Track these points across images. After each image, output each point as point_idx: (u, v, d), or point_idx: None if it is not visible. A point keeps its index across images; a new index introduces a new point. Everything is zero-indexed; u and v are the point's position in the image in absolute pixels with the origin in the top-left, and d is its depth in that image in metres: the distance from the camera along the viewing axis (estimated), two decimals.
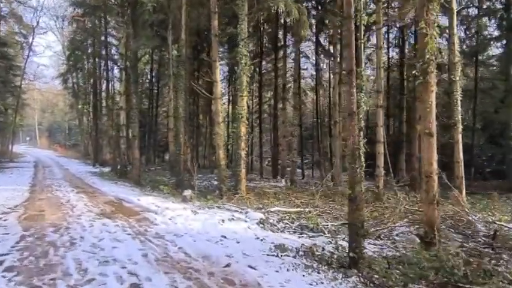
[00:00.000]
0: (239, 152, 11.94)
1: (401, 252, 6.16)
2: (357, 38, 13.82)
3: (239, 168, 11.98)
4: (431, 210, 5.89)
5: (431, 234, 5.81)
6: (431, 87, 5.94)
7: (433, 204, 5.89)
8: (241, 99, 12.00)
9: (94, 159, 28.22)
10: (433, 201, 5.89)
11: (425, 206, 6.00)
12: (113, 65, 23.48)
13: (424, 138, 6.00)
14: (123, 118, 19.52)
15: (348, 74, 5.04)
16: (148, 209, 9.52)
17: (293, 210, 9.57)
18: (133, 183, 16.53)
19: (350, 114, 5.05)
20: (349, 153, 5.07)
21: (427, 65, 5.86)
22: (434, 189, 5.91)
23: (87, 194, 12.64)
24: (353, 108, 5.04)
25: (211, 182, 19.48)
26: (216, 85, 13.35)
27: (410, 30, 19.32)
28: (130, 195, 12.40)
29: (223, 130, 13.48)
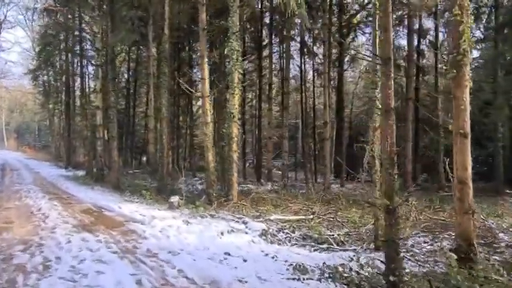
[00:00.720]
0: (230, 154, 11.02)
1: (430, 268, 5.44)
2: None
3: (231, 172, 11.07)
4: (467, 221, 5.19)
5: (467, 248, 5.09)
6: (465, 81, 5.24)
7: (468, 214, 5.18)
8: (233, 97, 11.09)
9: (67, 161, 26.55)
10: (468, 211, 5.19)
11: (459, 216, 5.28)
12: (88, 61, 22.05)
13: (458, 139, 5.29)
14: (100, 118, 18.16)
15: (384, 63, 4.25)
16: (133, 219, 8.47)
17: (294, 218, 8.75)
18: (111, 188, 15.30)
19: (387, 111, 4.26)
20: (385, 157, 4.27)
21: (462, 57, 5.15)
22: (470, 197, 5.21)
23: (61, 201, 11.40)
24: (390, 104, 4.25)
25: (195, 186, 18.46)
26: (203, 82, 12.38)
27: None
28: (110, 201, 11.26)
29: (211, 131, 12.54)
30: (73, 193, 13.34)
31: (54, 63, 26.32)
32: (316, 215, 9.31)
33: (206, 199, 11.81)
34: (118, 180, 15.87)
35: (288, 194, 13.24)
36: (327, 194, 13.73)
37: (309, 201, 11.43)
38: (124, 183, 16.25)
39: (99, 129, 18.30)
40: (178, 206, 10.16)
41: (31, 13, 28.62)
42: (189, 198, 11.94)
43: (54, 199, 11.67)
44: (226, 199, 10.90)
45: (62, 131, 29.64)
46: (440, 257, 5.60)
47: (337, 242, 7.25)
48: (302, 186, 19.56)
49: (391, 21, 4.15)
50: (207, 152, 12.41)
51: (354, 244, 7.25)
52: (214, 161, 12.69)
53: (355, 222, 8.58)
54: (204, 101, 12.46)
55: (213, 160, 12.51)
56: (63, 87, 27.70)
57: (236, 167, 11.15)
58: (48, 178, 19.28)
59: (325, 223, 8.78)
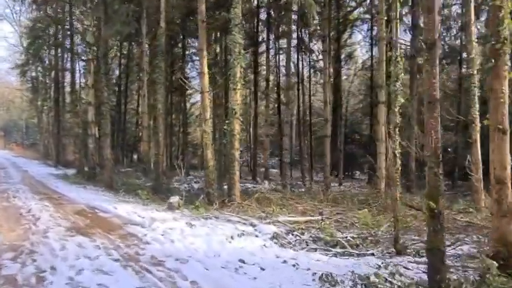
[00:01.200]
0: (232, 152, 10.46)
1: (462, 275, 4.97)
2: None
3: (232, 170, 10.50)
4: (505, 224, 4.73)
5: (507, 254, 4.64)
6: (503, 72, 4.77)
7: (507, 217, 4.73)
8: (235, 92, 10.52)
9: (56, 160, 25.68)
10: (506, 213, 4.73)
11: (497, 219, 4.83)
12: (78, 57, 21.24)
13: (495, 135, 4.83)
14: (92, 114, 17.42)
15: (428, 49, 3.75)
16: (132, 221, 7.86)
17: (302, 220, 8.25)
18: (104, 187, 14.63)
19: (431, 102, 3.76)
20: (429, 154, 3.77)
21: (502, 45, 4.68)
22: (508, 198, 4.76)
23: (51, 201, 10.71)
24: (435, 94, 3.75)
25: (191, 184, 17.85)
26: (203, 77, 11.79)
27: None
28: (104, 202, 10.62)
29: (210, 128, 11.97)
30: (64, 193, 12.63)
31: (43, 58, 25.38)
32: (324, 215, 8.82)
33: (206, 199, 11.26)
34: (111, 179, 15.18)
35: (291, 193, 12.75)
36: (329, 193, 13.29)
37: (313, 201, 10.96)
38: (117, 182, 15.58)
39: (91, 126, 17.57)
40: (179, 206, 9.58)
41: (18, 6, 27.60)
42: (187, 198, 11.38)
43: (44, 199, 10.98)
44: (228, 199, 10.35)
45: (51, 128, 28.68)
46: (474, 263, 5.13)
47: (351, 245, 6.76)
48: (299, 185, 19.13)
49: (437, 1, 3.65)
50: (206, 150, 11.84)
51: (369, 247, 6.76)
52: (214, 159, 12.12)
53: (366, 224, 8.10)
54: (204, 97, 11.87)
55: (212, 158, 11.94)
56: (52, 83, 26.78)
57: (238, 165, 10.59)
58: (37, 177, 18.47)
59: (334, 224, 8.30)
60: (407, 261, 5.72)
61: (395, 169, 6.17)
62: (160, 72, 14.17)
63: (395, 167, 6.16)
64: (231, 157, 10.51)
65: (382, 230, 7.30)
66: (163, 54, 14.32)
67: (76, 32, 19.84)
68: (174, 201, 9.52)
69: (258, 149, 25.04)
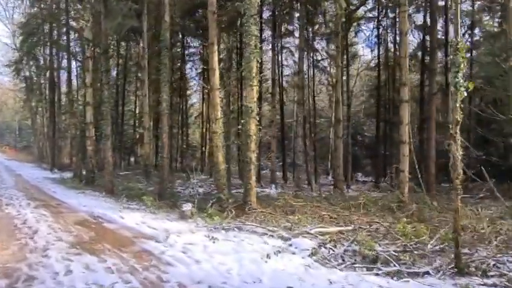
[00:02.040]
0: (248, 154, 9.48)
1: None
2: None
3: (248, 174, 9.53)
4: None
5: None
6: None
7: None
8: (251, 89, 9.56)
9: (51, 163, 24.48)
10: None
11: None
12: (73, 57, 20.15)
13: None
14: (90, 115, 16.34)
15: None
16: (143, 234, 6.87)
17: (333, 230, 7.31)
18: (104, 193, 13.57)
19: None
20: None
21: None
22: None
23: (49, 209, 9.66)
24: None
25: (196, 189, 16.85)
26: (213, 73, 10.86)
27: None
28: (108, 209, 9.59)
29: (221, 128, 11.01)
30: (62, 199, 11.57)
31: (37, 57, 24.18)
32: (356, 224, 7.91)
33: (216, 205, 10.31)
34: (112, 183, 14.13)
35: (310, 198, 11.80)
36: (346, 197, 12.39)
37: (334, 207, 10.03)
38: (117, 187, 14.54)
39: (89, 128, 16.48)
40: (191, 215, 8.59)
41: (11, 3, 26.37)
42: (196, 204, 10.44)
43: (41, 207, 9.92)
44: (244, 206, 9.37)
45: (46, 130, 27.49)
46: None
47: (396, 260, 5.84)
48: (307, 189, 18.23)
49: None
50: (217, 152, 10.88)
51: (419, 264, 5.83)
52: (225, 162, 11.15)
53: (406, 234, 7.17)
54: (214, 95, 10.93)
55: (223, 161, 10.99)
56: (46, 83, 25.60)
57: (255, 169, 9.62)
58: (31, 181, 17.34)
59: (367, 234, 7.37)
60: (477, 284, 4.83)
61: (456, 174, 5.26)
62: (164, 69, 13.17)
63: (456, 172, 5.25)
64: (246, 160, 9.54)
65: (431, 243, 6.35)
66: (167, 51, 13.32)
67: (72, 29, 18.73)
68: (186, 210, 8.53)
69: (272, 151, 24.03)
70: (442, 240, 6.75)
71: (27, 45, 21.10)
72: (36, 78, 26.80)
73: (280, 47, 24.10)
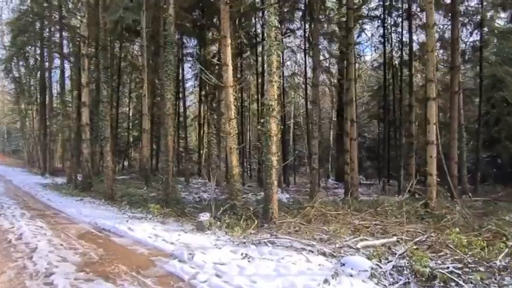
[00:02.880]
0: (269, 157, 8.54)
1: None
2: None
3: (270, 179, 8.57)
4: None
5: None
6: None
7: None
8: (271, 85, 8.63)
9: (43, 167, 23.24)
10: None
11: None
12: (70, 53, 19.04)
13: None
14: (86, 116, 15.23)
15: None
16: (161, 250, 5.89)
17: (377, 243, 6.40)
18: (104, 200, 12.50)
19: None
20: None
21: None
22: None
23: (46, 220, 8.60)
24: None
25: (199, 194, 15.87)
26: (226, 70, 9.91)
27: None
28: (112, 219, 8.56)
29: (235, 128, 10.06)
30: (59, 208, 10.49)
31: (28, 57, 22.89)
32: (397, 235, 7.02)
33: (230, 213, 9.37)
34: (112, 190, 13.06)
35: (324, 204, 10.89)
36: (361, 202, 11.52)
37: (360, 214, 9.14)
38: (116, 193, 13.47)
39: (85, 129, 15.37)
40: (210, 226, 7.62)
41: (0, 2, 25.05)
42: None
43: (37, 217, 8.85)
44: (266, 215, 8.43)
45: (37, 133, 26.17)
46: None
47: (464, 281, 4.98)
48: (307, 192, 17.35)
49: None
50: (231, 155, 9.95)
51: (488, 283, 4.98)
52: (239, 166, 10.20)
53: (461, 246, 6.27)
54: (227, 92, 9.97)
55: (237, 165, 10.06)
56: (37, 85, 24.34)
57: (276, 173, 8.67)
58: (23, 187, 16.15)
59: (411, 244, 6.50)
60: None
61: None
62: (169, 66, 12.15)
63: None
64: (267, 163, 8.58)
65: (499, 259, 5.48)
66: (172, 46, 12.32)
67: (66, 26, 17.60)
68: (204, 220, 7.55)
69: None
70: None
71: (18, 43, 19.82)
72: (26, 79, 25.44)
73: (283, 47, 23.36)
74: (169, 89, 12.28)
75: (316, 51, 13.68)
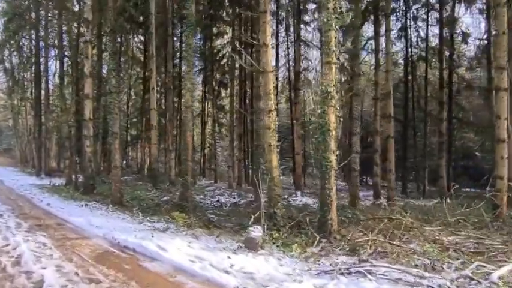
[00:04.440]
0: (327, 155, 6.85)
1: None
2: None
3: (328, 183, 6.87)
4: None
5: None
6: None
7: None
8: (329, 67, 6.95)
9: (38, 167, 21.26)
10: None
11: None
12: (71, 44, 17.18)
13: None
14: (89, 110, 13.44)
15: None
16: (219, 285, 4.18)
17: (506, 270, 4.76)
18: (112, 205, 10.70)
19: None
20: None
21: None
22: None
23: (49, 232, 6.82)
24: None
25: (217, 198, 14.11)
26: (266, 51, 8.24)
27: None
28: (131, 232, 6.82)
29: (275, 122, 8.39)
30: (62, 215, 8.68)
31: (22, 46, 20.87)
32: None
33: (270, 224, 7.73)
34: (120, 193, 11.28)
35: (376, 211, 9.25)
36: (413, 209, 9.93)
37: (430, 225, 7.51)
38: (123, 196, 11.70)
39: (88, 125, 13.57)
40: (263, 244, 5.92)
41: None
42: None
43: (37, 229, 7.06)
44: (323, 227, 6.75)
45: (32, 130, 24.17)
46: None
47: None
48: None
49: None
50: (270, 154, 8.26)
51: None
52: (279, 167, 8.50)
53: None
54: (267, 79, 8.30)
55: (277, 166, 8.38)
56: (32, 77, 22.35)
57: (335, 175, 6.97)
58: (17, 190, 14.25)
59: None
60: None
61: None
62: (189, 51, 10.45)
63: None
64: (324, 163, 6.89)
65: None
66: (192, 28, 10.61)
67: (67, 9, 15.73)
68: (256, 236, 5.83)
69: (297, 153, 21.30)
70: None
71: (13, 27, 17.77)
72: (19, 70, 23.42)
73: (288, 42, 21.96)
74: (190, 78, 10.59)
75: (357, 38, 12.04)
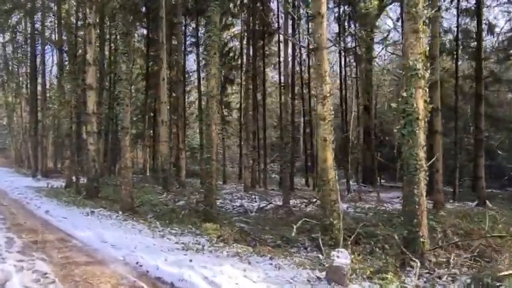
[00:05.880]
0: (415, 152, 5.17)
1: None
2: None
3: (416, 190, 5.18)
4: None
5: None
6: None
7: None
8: (416, 37, 5.26)
9: (34, 167, 19.44)
10: None
11: None
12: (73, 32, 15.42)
13: None
14: (93, 103, 11.72)
15: None
16: None
17: None
18: (122, 211, 9.01)
19: None
20: None
21: None
22: None
23: (51, 254, 5.12)
24: None
25: (238, 202, 12.42)
26: (320, 22, 6.63)
27: None
28: (160, 254, 5.17)
29: (331, 111, 6.72)
30: (66, 227, 6.95)
31: (16, 32, 18.99)
32: None
33: (326, 238, 6.16)
34: (132, 198, 9.56)
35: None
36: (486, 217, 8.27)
37: None
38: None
39: (92, 120, 11.85)
40: (351, 275, 4.23)
41: None
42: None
43: (34, 249, 5.35)
44: (412, 244, 5.08)
45: (28, 128, 22.32)
46: None
47: None
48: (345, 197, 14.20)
49: None
50: (325, 150, 6.73)
51: None
52: (334, 166, 6.83)
53: None
54: (321, 57, 6.70)
55: (332, 165, 6.76)
56: (27, 70, 20.52)
57: (424, 177, 5.29)
58: (11, 193, 12.48)
59: None
60: None
61: None
62: (214, 30, 8.77)
63: None
64: (410, 162, 5.21)
65: None
66: (218, 4, 8.91)
67: None
68: (343, 264, 4.13)
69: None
70: None
71: (5, 8, 15.87)
72: (14, 64, 21.54)
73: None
74: (215, 62, 8.90)
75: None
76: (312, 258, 5.62)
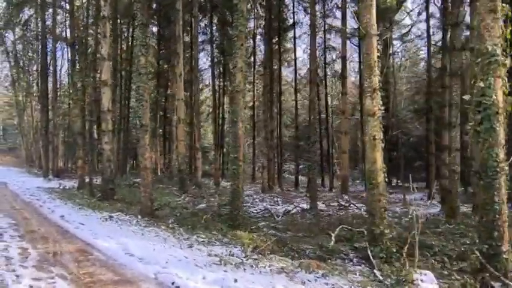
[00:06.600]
0: (494, 152, 4.39)
1: None
2: None
3: (495, 195, 4.39)
4: None
5: None
6: None
7: None
8: (494, 18, 4.47)
9: (45, 168, 18.87)
10: None
11: None
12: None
13: None
14: (108, 100, 11.07)
15: None
16: None
17: None
18: (141, 216, 8.32)
19: None
20: None
21: None
22: None
23: (70, 270, 4.43)
24: None
25: (262, 205, 11.70)
26: (370, 5, 5.86)
27: None
28: (195, 269, 4.50)
29: (379, 106, 5.93)
30: (84, 235, 6.25)
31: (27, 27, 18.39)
32: None
33: (376, 250, 5.40)
34: (151, 201, 8.86)
35: None
36: None
37: None
38: None
39: (107, 118, 11.20)
40: None
41: None
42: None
43: (52, 263, 4.67)
44: (495, 265, 4.28)
45: (38, 127, 21.78)
46: None
47: None
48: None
49: None
50: (374, 152, 6.08)
51: None
52: (383, 168, 6.04)
53: None
54: (371, 45, 5.93)
55: (382, 167, 5.99)
56: (38, 67, 19.96)
57: (505, 181, 4.51)
58: (22, 195, 11.87)
59: None
60: None
61: None
62: (241, 18, 8.03)
63: None
64: (492, 163, 4.41)
65: None
66: None
67: None
68: None
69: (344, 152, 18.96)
70: None
71: (15, 1, 15.20)
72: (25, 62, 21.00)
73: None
74: (242, 55, 8.18)
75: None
76: (365, 273, 4.89)
